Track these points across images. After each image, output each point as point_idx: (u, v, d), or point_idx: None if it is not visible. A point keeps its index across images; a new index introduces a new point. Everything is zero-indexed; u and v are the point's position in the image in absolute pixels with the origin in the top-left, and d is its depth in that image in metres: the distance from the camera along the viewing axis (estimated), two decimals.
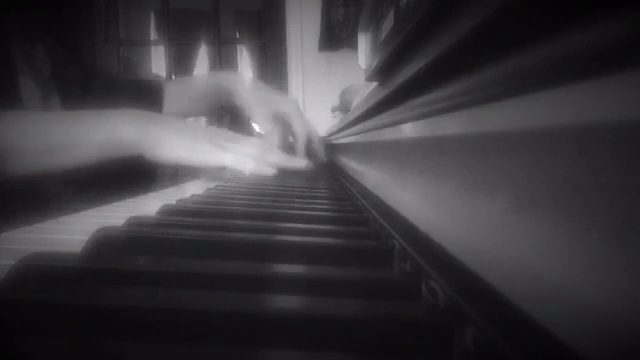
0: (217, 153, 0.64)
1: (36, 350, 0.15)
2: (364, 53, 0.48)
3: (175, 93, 0.88)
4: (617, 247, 0.10)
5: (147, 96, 0.85)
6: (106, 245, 0.26)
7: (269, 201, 0.51)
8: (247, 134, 0.76)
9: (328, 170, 0.98)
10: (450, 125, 0.23)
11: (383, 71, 0.37)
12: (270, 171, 0.69)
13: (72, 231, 0.32)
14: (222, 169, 0.66)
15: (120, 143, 0.59)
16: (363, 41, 0.49)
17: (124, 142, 0.59)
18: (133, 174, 0.65)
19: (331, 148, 1.10)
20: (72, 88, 0.71)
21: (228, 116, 2.40)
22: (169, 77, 2.49)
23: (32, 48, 0.70)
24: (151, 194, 0.56)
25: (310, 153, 0.90)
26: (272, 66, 2.35)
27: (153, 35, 2.73)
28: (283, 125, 0.86)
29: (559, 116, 0.13)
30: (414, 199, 0.27)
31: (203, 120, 2.61)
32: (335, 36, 2.13)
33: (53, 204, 0.42)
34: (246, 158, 0.67)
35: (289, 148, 0.86)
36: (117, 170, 0.62)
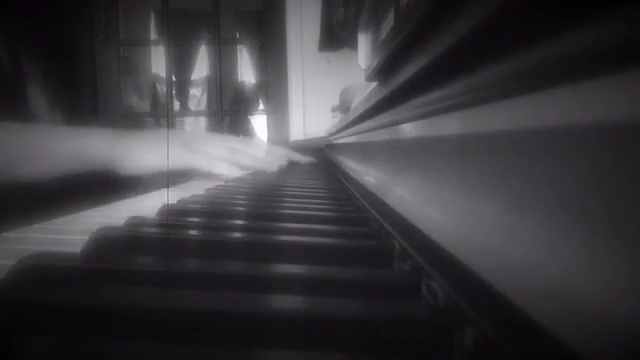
0: (187, 157, 0.65)
1: (36, 350, 0.15)
2: (364, 53, 0.48)
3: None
4: (617, 247, 0.10)
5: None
6: (106, 245, 0.26)
7: (269, 201, 0.51)
8: (246, 134, 0.77)
9: (328, 170, 0.98)
10: (450, 125, 0.23)
11: (383, 71, 0.37)
12: (239, 173, 0.69)
13: (72, 231, 0.32)
14: (194, 173, 0.67)
15: (87, 156, 0.60)
16: (363, 41, 0.48)
17: (91, 155, 0.60)
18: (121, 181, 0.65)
19: (331, 148, 1.10)
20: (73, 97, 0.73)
21: (227, 116, 2.40)
22: (169, 77, 2.49)
23: (37, 57, 0.71)
24: (151, 194, 0.56)
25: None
26: (272, 66, 2.35)
27: (153, 35, 2.73)
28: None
29: (559, 116, 0.13)
30: (414, 199, 0.27)
31: (203, 121, 2.62)
32: (335, 36, 2.13)
33: (53, 204, 0.42)
34: (217, 160, 0.67)
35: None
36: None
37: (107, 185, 0.62)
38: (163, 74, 2.53)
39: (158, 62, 2.61)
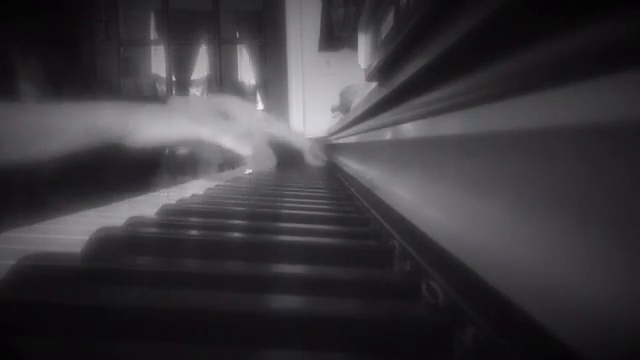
0: (195, 127, 0.65)
1: (36, 350, 0.15)
2: (364, 53, 0.48)
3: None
4: (617, 247, 0.10)
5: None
6: (106, 245, 0.26)
7: (269, 201, 0.51)
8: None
9: (328, 170, 0.98)
10: (450, 125, 0.23)
11: (383, 71, 0.37)
12: (246, 150, 0.69)
13: (72, 231, 0.32)
14: (201, 143, 0.66)
15: (100, 129, 0.60)
16: (363, 41, 0.49)
17: (104, 128, 0.61)
18: (133, 174, 0.66)
19: (331, 148, 1.10)
20: (68, 95, 0.73)
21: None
22: (169, 77, 2.49)
23: (30, 53, 0.71)
24: (151, 194, 0.56)
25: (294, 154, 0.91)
26: (272, 66, 2.35)
27: (153, 35, 2.73)
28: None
29: (558, 116, 0.13)
30: (414, 199, 0.27)
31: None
32: (335, 36, 2.13)
33: (52, 204, 0.42)
34: (224, 132, 0.67)
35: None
36: (116, 170, 0.62)
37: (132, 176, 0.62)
38: (163, 74, 2.53)
39: (158, 62, 2.61)
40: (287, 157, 0.89)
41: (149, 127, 0.63)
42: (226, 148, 0.66)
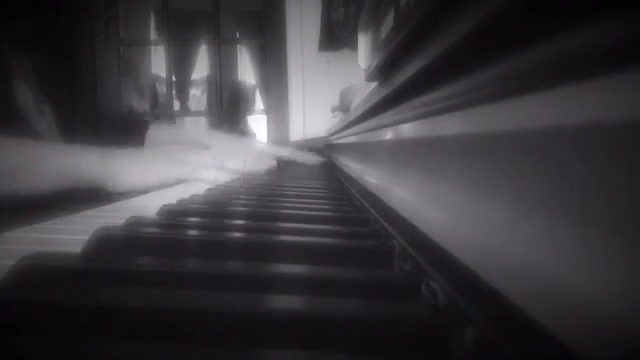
0: (175, 169, 0.67)
1: (36, 350, 0.15)
2: (364, 53, 0.48)
3: (159, 134, 0.90)
4: (617, 247, 0.10)
5: (132, 127, 0.87)
6: (106, 245, 0.26)
7: (269, 201, 0.51)
8: (243, 134, 0.78)
9: (328, 170, 0.98)
10: (450, 125, 0.23)
11: (383, 71, 0.37)
12: (228, 178, 0.71)
13: (72, 231, 0.32)
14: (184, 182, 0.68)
15: (82, 173, 0.62)
16: (363, 41, 0.49)
17: (86, 173, 0.62)
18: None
19: (331, 148, 1.10)
20: (61, 98, 0.73)
21: (226, 116, 2.39)
22: (169, 77, 2.48)
23: (29, 54, 0.71)
24: (151, 194, 0.56)
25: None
26: (272, 66, 2.35)
27: (153, 35, 2.73)
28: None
29: (559, 116, 0.13)
30: (414, 199, 0.27)
31: (204, 121, 2.62)
32: (335, 36, 2.13)
33: (52, 204, 0.42)
34: (205, 169, 0.69)
35: None
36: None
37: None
38: (163, 74, 2.53)
39: (158, 62, 2.61)
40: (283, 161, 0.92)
41: (130, 172, 0.64)
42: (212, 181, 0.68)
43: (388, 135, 0.40)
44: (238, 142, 0.93)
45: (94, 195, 0.62)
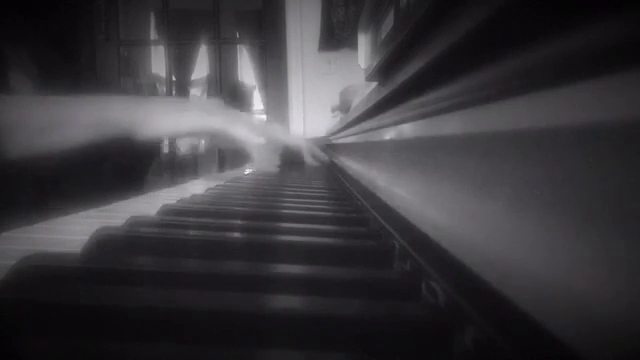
0: (206, 117, 0.65)
1: (36, 350, 0.15)
2: (364, 53, 0.48)
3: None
4: (617, 247, 0.10)
5: None
6: (106, 245, 0.26)
7: (269, 201, 0.51)
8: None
9: (328, 170, 0.98)
10: (450, 125, 0.23)
11: (383, 71, 0.37)
12: (257, 140, 0.69)
13: (72, 231, 0.32)
14: (212, 135, 0.67)
15: (109, 123, 0.61)
16: (363, 41, 0.49)
17: (113, 122, 0.61)
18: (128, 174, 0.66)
19: (331, 148, 1.10)
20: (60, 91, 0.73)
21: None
22: (169, 77, 2.48)
23: (29, 54, 0.71)
24: (151, 194, 0.56)
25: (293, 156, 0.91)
26: (272, 66, 2.35)
27: (153, 35, 2.73)
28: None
29: (559, 116, 0.13)
30: (414, 199, 0.27)
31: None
32: (335, 36, 2.13)
33: (52, 204, 0.42)
34: (235, 122, 0.67)
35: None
36: (114, 169, 0.63)
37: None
38: (163, 74, 2.53)
39: (158, 62, 2.61)
40: (288, 159, 0.89)
41: (160, 119, 0.63)
42: (237, 139, 0.66)
43: (388, 135, 0.40)
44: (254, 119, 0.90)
45: (126, 143, 0.60)
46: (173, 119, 0.64)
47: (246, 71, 2.77)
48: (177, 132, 0.64)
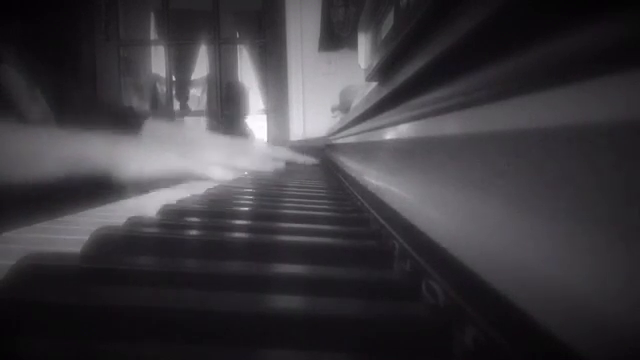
0: (183, 163, 0.67)
1: (36, 350, 0.15)
2: (364, 53, 0.48)
3: (156, 129, 0.88)
4: (617, 247, 0.10)
5: (128, 119, 0.86)
6: (106, 245, 0.26)
7: (269, 201, 0.51)
8: (242, 135, 0.78)
9: (328, 170, 0.98)
10: (450, 125, 0.23)
11: (383, 71, 0.37)
12: (232, 176, 0.71)
13: (72, 231, 0.32)
14: (190, 177, 0.68)
15: (90, 161, 0.61)
16: (363, 41, 0.49)
17: (94, 160, 0.61)
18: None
19: (331, 148, 1.10)
20: (59, 94, 0.73)
21: (225, 117, 2.40)
22: (169, 77, 2.49)
23: (29, 54, 0.71)
24: (151, 194, 0.56)
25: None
26: (272, 66, 2.35)
27: (153, 35, 2.73)
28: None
29: (558, 116, 0.13)
30: (414, 199, 0.27)
31: (203, 121, 2.62)
32: (335, 36, 2.13)
33: (50, 205, 0.42)
34: (212, 165, 0.69)
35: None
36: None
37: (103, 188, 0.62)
38: (163, 74, 2.53)
39: (158, 62, 2.61)
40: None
41: (138, 161, 0.64)
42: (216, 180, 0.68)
43: (388, 135, 0.40)
44: (237, 143, 0.92)
45: (101, 185, 0.61)
46: (149, 162, 0.65)
47: (246, 71, 2.78)
48: (155, 175, 0.65)
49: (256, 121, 2.56)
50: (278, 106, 2.31)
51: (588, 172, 0.11)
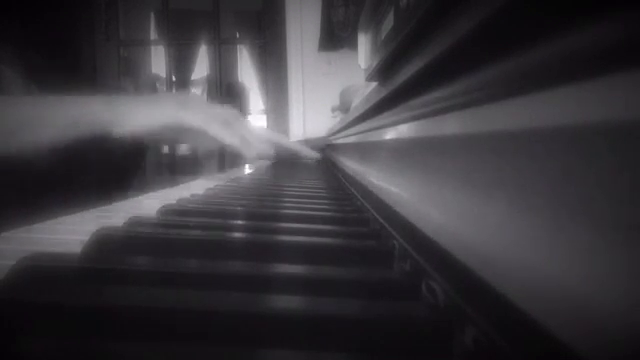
0: (184, 113, 0.65)
1: (36, 350, 0.15)
2: (364, 53, 0.48)
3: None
4: (617, 247, 0.10)
5: None
6: (106, 245, 0.26)
7: (269, 201, 0.51)
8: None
9: (328, 170, 0.98)
10: (450, 125, 0.23)
11: (383, 71, 0.37)
12: (232, 140, 0.68)
13: (72, 231, 0.33)
14: (189, 130, 0.66)
15: (82, 121, 0.60)
16: (363, 41, 0.49)
17: (85, 120, 0.60)
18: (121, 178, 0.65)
19: (331, 148, 1.10)
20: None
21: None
22: (169, 77, 2.48)
23: (29, 54, 0.71)
24: (150, 194, 0.56)
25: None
26: (272, 66, 2.35)
27: (153, 35, 2.73)
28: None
29: (559, 116, 0.13)
30: (414, 199, 0.27)
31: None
32: (335, 36, 2.13)
33: (49, 206, 0.42)
34: (212, 121, 0.66)
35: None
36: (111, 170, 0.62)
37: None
38: (163, 74, 2.53)
39: (158, 62, 2.61)
40: (283, 156, 0.89)
41: (133, 114, 0.63)
42: (216, 138, 0.65)
43: (388, 135, 0.40)
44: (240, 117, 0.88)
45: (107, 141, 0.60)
46: (146, 114, 0.64)
47: (246, 71, 2.77)
48: (152, 127, 0.63)
49: (256, 121, 2.56)
50: (278, 106, 2.31)
51: (588, 172, 0.11)
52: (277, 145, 0.87)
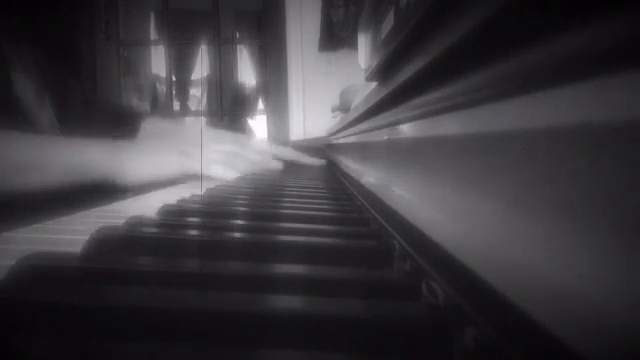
0: (183, 163, 0.66)
1: (36, 350, 0.15)
2: (364, 53, 0.48)
3: (154, 127, 0.86)
4: (617, 247, 0.10)
5: (125, 119, 0.85)
6: (106, 245, 0.26)
7: (269, 201, 0.51)
8: (242, 132, 0.78)
9: (328, 170, 0.98)
10: (450, 125, 0.23)
11: (383, 71, 0.37)
12: (234, 175, 0.70)
13: (72, 231, 0.33)
14: (191, 177, 0.68)
15: (86, 167, 0.61)
16: (363, 41, 0.49)
17: (90, 166, 0.61)
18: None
19: (331, 148, 1.10)
20: (60, 93, 0.72)
21: (226, 117, 2.40)
22: (169, 77, 2.48)
23: (29, 54, 0.71)
24: (151, 194, 0.56)
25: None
26: (272, 66, 2.34)
27: (153, 35, 2.73)
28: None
29: (559, 116, 0.13)
30: (414, 199, 0.27)
31: (203, 120, 2.62)
32: (335, 36, 2.13)
33: (50, 206, 0.42)
34: (214, 164, 0.68)
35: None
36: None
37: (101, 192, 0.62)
38: (163, 74, 2.53)
39: (158, 62, 2.61)
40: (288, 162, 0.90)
41: (138, 163, 0.63)
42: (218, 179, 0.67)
43: (388, 135, 0.40)
44: (239, 139, 0.90)
45: (105, 189, 0.61)
46: (149, 165, 0.64)
47: (246, 71, 2.77)
48: (156, 177, 0.64)
49: (256, 121, 2.56)
50: (278, 106, 2.31)
51: (588, 172, 0.11)
52: (282, 158, 0.89)
